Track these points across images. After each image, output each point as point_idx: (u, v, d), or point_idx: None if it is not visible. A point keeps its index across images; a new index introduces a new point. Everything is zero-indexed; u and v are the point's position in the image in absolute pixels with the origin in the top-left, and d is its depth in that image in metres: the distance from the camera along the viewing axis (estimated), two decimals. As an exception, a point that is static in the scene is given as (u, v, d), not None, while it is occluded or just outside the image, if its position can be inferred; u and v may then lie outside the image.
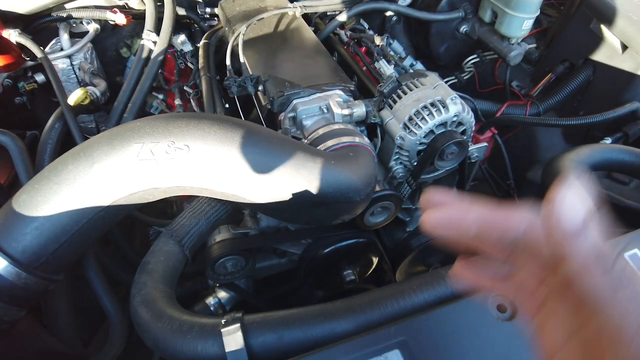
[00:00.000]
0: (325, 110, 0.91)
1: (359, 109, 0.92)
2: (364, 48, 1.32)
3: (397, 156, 0.98)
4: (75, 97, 1.02)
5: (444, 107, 0.93)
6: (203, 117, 0.70)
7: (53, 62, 1.23)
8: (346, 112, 0.90)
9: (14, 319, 0.69)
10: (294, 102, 0.91)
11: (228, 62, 0.97)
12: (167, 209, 1.26)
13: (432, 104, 0.93)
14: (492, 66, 1.55)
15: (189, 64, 1.30)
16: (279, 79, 0.92)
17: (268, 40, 1.13)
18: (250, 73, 0.95)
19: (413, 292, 0.61)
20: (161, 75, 1.32)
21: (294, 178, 0.71)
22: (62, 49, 1.23)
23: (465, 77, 1.53)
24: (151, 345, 0.55)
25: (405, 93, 0.97)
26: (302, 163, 0.72)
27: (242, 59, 0.95)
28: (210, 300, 1.07)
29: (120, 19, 1.20)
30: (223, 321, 0.52)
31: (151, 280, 0.63)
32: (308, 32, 1.22)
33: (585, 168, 0.92)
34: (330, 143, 0.84)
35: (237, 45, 0.99)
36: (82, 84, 1.27)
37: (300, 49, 1.11)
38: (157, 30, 1.19)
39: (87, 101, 1.05)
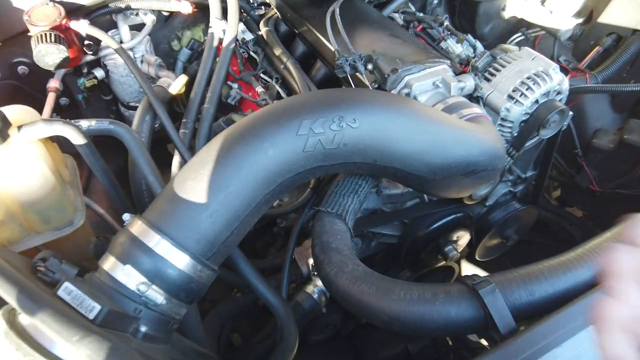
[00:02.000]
0: (440, 85, 0.90)
1: (470, 82, 0.92)
2: (419, 29, 1.33)
3: (499, 128, 0.99)
4: (179, 85, 0.96)
5: (547, 76, 0.94)
6: (365, 92, 0.68)
7: (113, 56, 1.17)
8: (461, 85, 0.91)
9: (181, 318, 0.65)
10: (406, 78, 0.90)
11: (333, 44, 0.95)
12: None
13: (537, 74, 0.94)
14: (532, 44, 1.59)
15: (252, 53, 1.26)
16: (389, 57, 0.91)
17: (348, 22, 1.11)
18: (355, 52, 0.93)
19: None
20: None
21: (455, 147, 0.70)
22: (121, 42, 1.17)
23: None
24: (384, 321, 0.52)
25: (503, 66, 0.98)
26: (461, 133, 0.72)
27: (345, 37, 0.93)
28: (312, 289, 1.05)
29: (185, 7, 1.14)
30: (472, 283, 0.50)
31: (346, 258, 0.61)
32: (378, 12, 1.21)
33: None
34: (455, 116, 0.84)
35: (334, 26, 0.97)
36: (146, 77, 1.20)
37: (382, 28, 1.10)
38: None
39: (183, 90, 0.99)
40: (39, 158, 0.68)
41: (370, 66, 0.91)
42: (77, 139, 0.71)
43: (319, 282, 1.07)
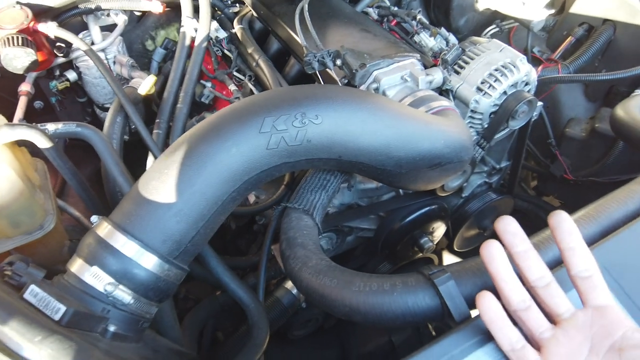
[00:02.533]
0: (408, 79, 0.91)
1: (438, 75, 0.94)
2: (393, 23, 1.34)
3: (469, 120, 1.01)
4: (147, 85, 0.96)
5: (515, 67, 0.96)
6: (327, 87, 0.69)
7: (85, 58, 1.16)
8: (429, 79, 0.92)
9: (151, 317, 0.65)
10: (375, 73, 0.91)
11: (302, 40, 0.95)
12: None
13: (504, 66, 0.96)
14: (507, 35, 1.61)
15: (226, 51, 1.26)
16: (357, 52, 0.91)
17: (319, 17, 1.11)
18: (323, 49, 0.94)
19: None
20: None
21: (420, 140, 0.71)
22: (92, 43, 1.16)
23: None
24: (345, 312, 0.54)
25: (472, 59, 0.99)
26: (426, 126, 0.73)
27: (313, 34, 0.94)
28: (291, 284, 1.06)
29: (156, 7, 1.14)
30: (428, 273, 0.52)
31: (310, 253, 0.62)
32: (350, 7, 1.22)
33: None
34: (422, 109, 0.85)
35: (303, 22, 0.97)
36: (118, 78, 1.20)
37: (353, 23, 1.11)
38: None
39: (152, 91, 0.99)
40: (3, 163, 0.68)
41: (339, 62, 0.91)
42: (43, 143, 0.71)
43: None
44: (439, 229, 1.16)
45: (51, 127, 0.74)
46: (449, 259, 1.47)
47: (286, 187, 0.99)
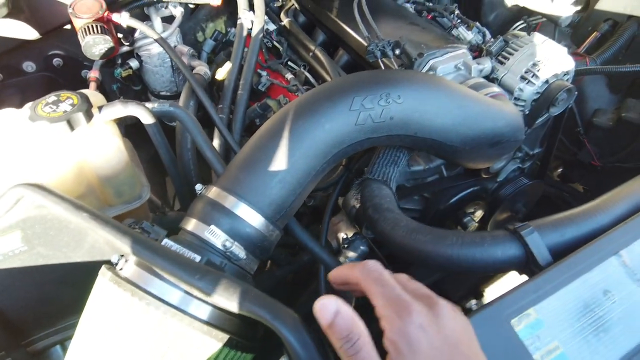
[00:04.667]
0: (461, 67, 1.00)
1: (488, 64, 1.02)
2: (429, 18, 1.42)
3: (512, 107, 1.09)
4: (224, 71, 1.03)
5: (556, 58, 1.04)
6: (407, 72, 0.77)
7: (148, 47, 1.23)
8: (480, 67, 1.00)
9: (254, 273, 0.73)
10: (431, 62, 0.99)
11: (364, 31, 1.03)
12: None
13: (546, 57, 1.04)
14: (532, 31, 1.69)
15: (275, 42, 1.34)
16: (415, 42, 1.00)
17: (370, 12, 1.19)
18: (383, 39, 1.01)
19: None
20: (247, 54, 1.35)
21: (485, 120, 0.80)
22: (155, 33, 1.23)
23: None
24: (440, 263, 0.62)
25: (515, 50, 1.08)
26: (489, 106, 0.81)
27: (373, 25, 1.02)
28: (343, 260, 1.14)
29: (214, 0, 1.22)
30: (514, 227, 0.60)
31: (399, 215, 0.70)
32: (394, 2, 1.30)
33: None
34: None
35: (362, 14, 1.05)
36: (174, 67, 1.28)
37: (401, 17, 1.19)
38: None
39: (227, 77, 1.07)
40: (116, 137, 0.76)
41: (397, 51, 1.00)
42: (148, 119, 0.79)
43: (350, 254, 1.16)
44: (479, 210, 1.24)
45: (149, 105, 0.81)
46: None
47: (344, 168, 1.07)
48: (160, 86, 1.32)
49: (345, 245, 1.15)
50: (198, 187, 0.75)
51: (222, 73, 1.04)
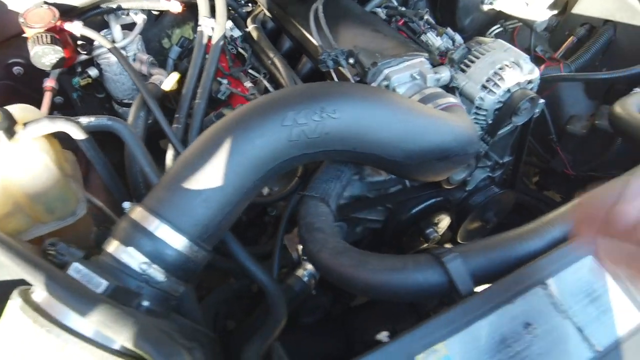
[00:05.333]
0: (417, 77, 0.96)
1: (446, 74, 0.99)
2: (401, 23, 1.39)
3: (474, 116, 1.06)
4: (171, 82, 1.01)
5: (518, 66, 1.01)
6: (344, 84, 0.74)
7: (107, 56, 1.21)
8: (437, 76, 0.97)
9: (179, 296, 0.71)
10: (386, 71, 0.96)
11: (316, 40, 1.00)
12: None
13: (508, 65, 1.01)
14: (511, 35, 1.66)
15: (240, 49, 1.31)
16: (369, 51, 0.97)
17: (331, 18, 1.16)
18: (337, 47, 0.98)
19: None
20: (211, 62, 1.32)
21: (429, 134, 0.77)
22: (114, 41, 1.21)
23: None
24: (361, 289, 0.59)
25: (477, 58, 1.04)
26: (434, 120, 0.78)
27: (328, 34, 0.99)
28: (302, 272, 1.11)
29: (175, 7, 1.19)
30: (437, 252, 0.57)
31: (328, 236, 0.67)
32: (361, 8, 1.27)
33: (641, 112, 1.03)
34: (431, 105, 0.90)
35: (318, 23, 1.03)
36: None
37: (365, 23, 1.16)
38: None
39: (175, 87, 1.05)
40: (43, 153, 0.74)
41: (351, 60, 0.97)
42: (78, 135, 0.76)
43: (309, 266, 1.13)
44: (444, 221, 1.21)
45: (84, 120, 0.79)
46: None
47: (299, 179, 1.04)
48: (122, 94, 1.30)
49: (305, 257, 1.12)
50: (125, 204, 0.72)
51: (168, 84, 1.02)
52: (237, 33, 1.32)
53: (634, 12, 1.32)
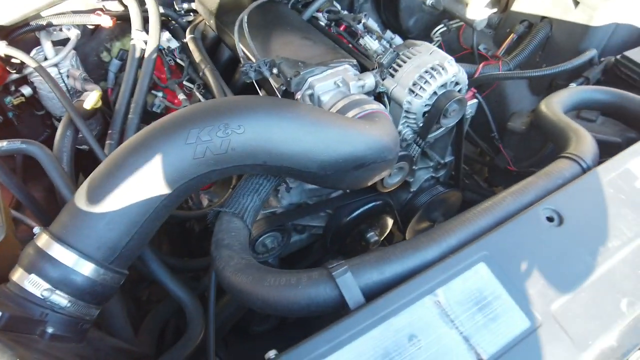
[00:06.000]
0: (340, 85, 0.97)
1: (370, 80, 0.99)
2: (343, 27, 1.39)
3: (404, 120, 1.07)
4: (92, 100, 1.00)
5: (443, 69, 1.02)
6: (249, 99, 0.74)
7: (37, 74, 1.19)
8: (360, 83, 0.97)
9: (92, 318, 0.70)
10: (309, 80, 0.96)
11: (241, 50, 1.00)
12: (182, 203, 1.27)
13: (433, 68, 1.02)
14: (457, 34, 1.67)
15: (178, 60, 1.30)
16: (292, 60, 0.97)
17: (262, 26, 1.16)
18: (259, 58, 0.98)
19: (477, 218, 0.69)
20: (150, 74, 1.32)
21: (340, 144, 0.77)
22: (46, 58, 1.20)
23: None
24: (259, 306, 0.59)
25: (404, 62, 1.05)
26: (345, 130, 0.78)
27: (250, 44, 0.99)
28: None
29: (105, 21, 1.18)
30: (330, 267, 0.57)
31: (234, 253, 0.67)
32: (295, 15, 1.27)
33: (567, 108, 1.05)
34: (353, 112, 0.90)
35: (242, 33, 1.02)
36: (71, 92, 1.24)
37: (295, 31, 1.16)
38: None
39: (99, 104, 1.03)
40: (-52, 181, 0.73)
41: (275, 70, 0.97)
42: (-14, 161, 0.75)
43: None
44: (386, 223, 1.22)
45: (-4, 145, 0.78)
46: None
47: (233, 191, 1.04)
48: (59, 111, 1.28)
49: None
50: (36, 229, 0.72)
51: (90, 102, 1.00)
52: (174, 44, 1.31)
53: (567, 8, 1.34)
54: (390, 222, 1.22)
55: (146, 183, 0.68)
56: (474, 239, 0.62)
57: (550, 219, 0.67)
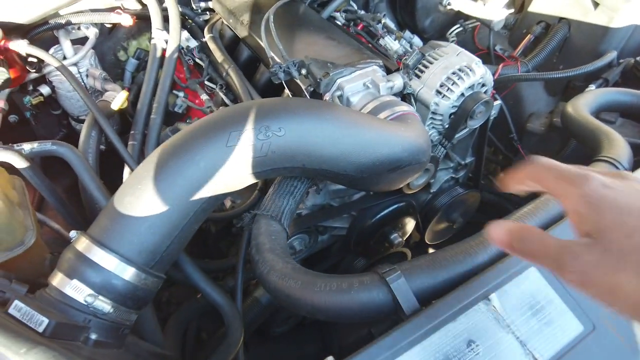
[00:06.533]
0: (370, 86, 0.96)
1: (399, 81, 0.99)
2: (360, 26, 1.38)
3: (430, 121, 1.06)
4: (120, 101, 0.99)
5: (471, 71, 1.02)
6: (288, 100, 0.73)
7: (57, 73, 1.18)
8: (389, 84, 0.97)
9: (132, 323, 0.70)
10: (338, 81, 0.96)
11: (268, 51, 0.99)
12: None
13: (461, 70, 1.01)
14: (472, 34, 1.67)
15: (197, 60, 1.29)
16: (320, 61, 0.96)
17: (285, 26, 1.15)
18: (288, 59, 0.98)
19: (525, 221, 0.69)
20: (169, 74, 1.30)
21: (378, 147, 0.77)
22: (64, 57, 1.18)
23: (450, 47, 1.64)
24: (309, 311, 0.59)
25: (431, 63, 1.05)
26: (382, 133, 0.78)
27: (279, 44, 0.98)
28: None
29: (126, 20, 1.16)
30: (382, 272, 0.57)
31: (277, 257, 0.66)
32: (315, 15, 1.26)
33: (593, 110, 1.05)
34: (384, 114, 0.90)
35: (269, 33, 1.01)
36: (91, 91, 1.23)
37: (319, 31, 1.15)
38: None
39: (125, 105, 1.02)
40: (-18, 184, 0.71)
41: (304, 71, 0.96)
42: (19, 163, 0.74)
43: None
44: (409, 225, 1.22)
45: (27, 146, 0.77)
46: (421, 253, 1.53)
47: (259, 192, 1.04)
48: (77, 110, 1.27)
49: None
50: (72, 233, 0.71)
51: (117, 103, 0.99)
52: (193, 43, 1.30)
53: (586, 9, 1.35)
54: (412, 223, 1.22)
55: (187, 186, 0.67)
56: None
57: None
